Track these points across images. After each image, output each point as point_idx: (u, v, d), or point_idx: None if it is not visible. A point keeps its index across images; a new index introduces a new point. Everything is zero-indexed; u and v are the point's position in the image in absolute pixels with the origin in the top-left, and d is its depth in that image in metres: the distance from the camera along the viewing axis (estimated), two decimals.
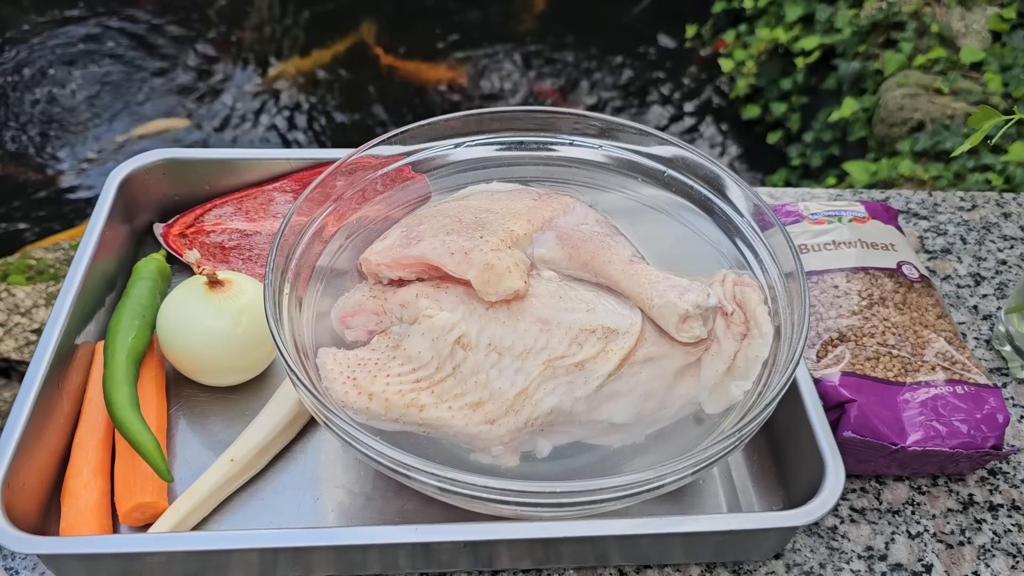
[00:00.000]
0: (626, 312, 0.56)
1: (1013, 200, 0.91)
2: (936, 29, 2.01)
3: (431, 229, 0.59)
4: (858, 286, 0.70)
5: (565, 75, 2.56)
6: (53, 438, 0.60)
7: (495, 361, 0.54)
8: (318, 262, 0.62)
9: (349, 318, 0.58)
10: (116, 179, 0.74)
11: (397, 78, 2.52)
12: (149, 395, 0.64)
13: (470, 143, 0.67)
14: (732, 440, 0.50)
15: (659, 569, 0.60)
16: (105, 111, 2.34)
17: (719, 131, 2.44)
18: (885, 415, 0.62)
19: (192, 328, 0.63)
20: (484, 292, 0.55)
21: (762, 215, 0.61)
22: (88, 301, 0.67)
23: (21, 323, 1.31)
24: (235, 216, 0.77)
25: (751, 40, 2.45)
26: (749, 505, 0.63)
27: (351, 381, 0.54)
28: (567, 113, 0.67)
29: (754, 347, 0.56)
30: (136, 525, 0.59)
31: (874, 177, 1.82)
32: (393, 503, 0.61)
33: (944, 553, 0.62)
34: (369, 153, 0.64)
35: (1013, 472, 0.67)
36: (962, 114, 1.83)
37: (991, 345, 0.76)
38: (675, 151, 0.66)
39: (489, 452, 0.54)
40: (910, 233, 0.86)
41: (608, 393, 0.54)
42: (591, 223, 0.61)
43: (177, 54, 2.53)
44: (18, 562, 0.58)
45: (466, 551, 0.57)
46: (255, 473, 0.62)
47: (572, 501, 0.49)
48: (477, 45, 2.63)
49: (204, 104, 2.39)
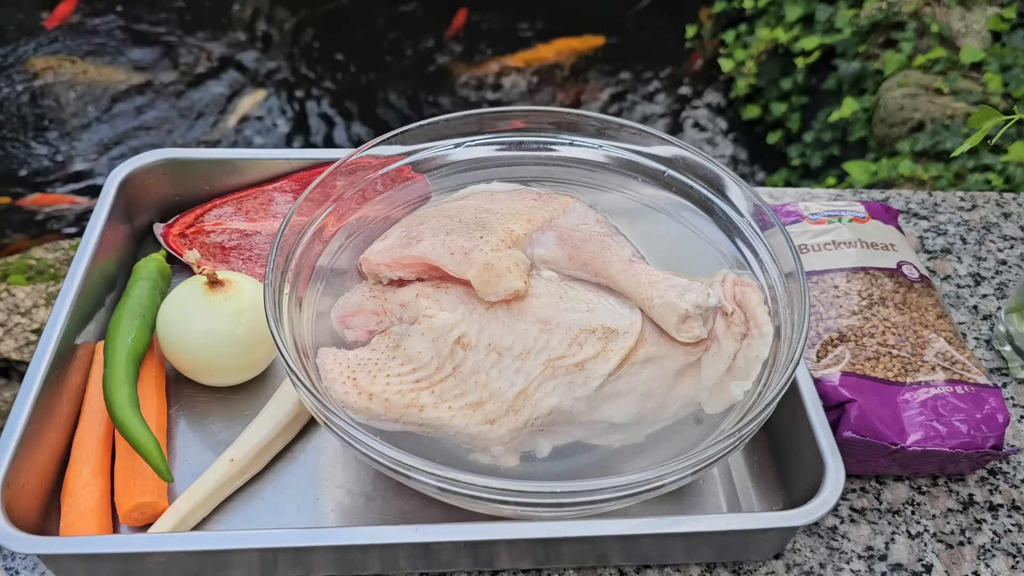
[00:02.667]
0: (626, 312, 0.56)
1: (1013, 200, 0.91)
2: (936, 29, 2.01)
3: (431, 229, 0.59)
4: (858, 286, 0.70)
5: (565, 75, 2.56)
6: (53, 438, 0.60)
7: (495, 361, 0.54)
8: (318, 262, 0.62)
9: (349, 318, 0.58)
10: (116, 179, 0.74)
11: (397, 78, 2.52)
12: (149, 395, 0.64)
13: (470, 143, 0.67)
14: (732, 440, 0.50)
15: (659, 569, 0.60)
16: (105, 111, 2.33)
17: (719, 131, 2.44)
18: (885, 415, 0.62)
19: (192, 328, 0.63)
20: (484, 292, 0.55)
21: (762, 215, 0.61)
22: (88, 301, 0.67)
23: (21, 323, 1.31)
24: (235, 216, 0.77)
25: (751, 40, 2.45)
26: (749, 505, 0.63)
27: (351, 381, 0.54)
28: (567, 113, 0.67)
29: (754, 347, 0.56)
30: (136, 525, 0.59)
31: (874, 177, 1.82)
32: (393, 503, 0.61)
33: (944, 553, 0.62)
34: (369, 153, 0.64)
35: (1013, 472, 0.67)
36: (962, 114, 1.83)
37: (991, 345, 0.76)
38: (675, 151, 0.66)
39: (489, 452, 0.54)
40: (910, 233, 0.86)
41: (608, 393, 0.54)
42: (591, 223, 0.61)
43: (177, 54, 2.53)
44: (18, 562, 0.58)
45: (466, 551, 0.57)
46: (255, 473, 0.62)
47: (572, 501, 0.49)
48: (476, 45, 2.63)
49: (204, 104, 2.39)
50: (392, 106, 2.44)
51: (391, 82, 2.50)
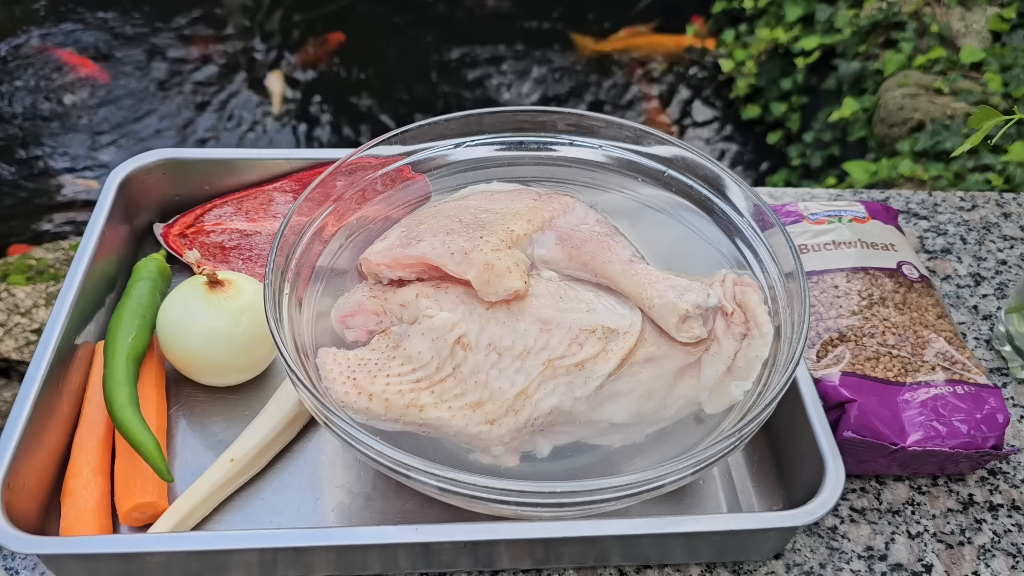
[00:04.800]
0: (626, 312, 0.56)
1: (1013, 200, 0.91)
2: (936, 29, 2.01)
3: (431, 229, 0.59)
4: (858, 286, 0.70)
5: (564, 75, 2.56)
6: (53, 438, 0.60)
7: (495, 361, 0.54)
8: (318, 262, 0.62)
9: (349, 318, 0.58)
10: (116, 179, 0.74)
11: (397, 77, 2.52)
12: (149, 395, 0.64)
13: (470, 143, 0.67)
14: (732, 440, 0.50)
15: (659, 569, 0.60)
16: (104, 111, 2.33)
17: (719, 131, 2.44)
18: (885, 415, 0.62)
19: (192, 328, 0.63)
20: (484, 292, 0.55)
21: (762, 215, 0.61)
22: (88, 301, 0.67)
23: (21, 323, 1.31)
24: (235, 216, 0.77)
25: (751, 40, 2.45)
26: (749, 505, 0.63)
27: (351, 381, 0.54)
28: (567, 113, 0.67)
29: (754, 347, 0.56)
30: (136, 525, 0.59)
31: (874, 177, 1.82)
32: (393, 503, 0.61)
33: (944, 553, 0.62)
34: (369, 153, 0.64)
35: (1013, 472, 0.67)
36: (962, 114, 1.83)
37: (991, 345, 0.76)
38: (675, 151, 0.66)
39: (489, 452, 0.54)
40: (910, 233, 0.86)
41: (608, 393, 0.54)
42: (591, 223, 0.61)
43: (178, 53, 2.52)
44: (18, 562, 0.58)
45: (466, 551, 0.57)
46: (255, 473, 0.62)
47: (572, 501, 0.49)
48: (473, 45, 2.63)
49: (204, 104, 2.39)
50: (391, 107, 2.44)
51: (392, 82, 2.50)
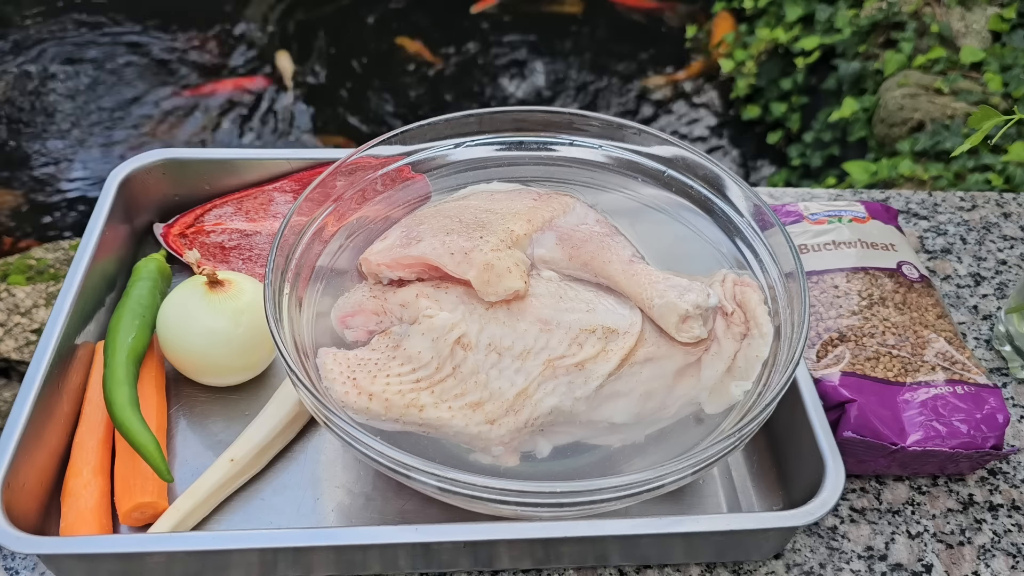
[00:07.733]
0: (626, 312, 0.56)
1: (1013, 200, 0.91)
2: (936, 29, 2.01)
3: (431, 229, 0.59)
4: (858, 286, 0.70)
5: (563, 75, 2.56)
6: (53, 438, 0.60)
7: (495, 361, 0.54)
8: (318, 262, 0.62)
9: (349, 318, 0.58)
10: (116, 179, 0.74)
11: (397, 77, 2.52)
12: (149, 395, 0.64)
13: (470, 143, 0.67)
14: (732, 440, 0.50)
15: (659, 569, 0.60)
16: (103, 111, 2.33)
17: (719, 131, 2.43)
18: (885, 415, 0.62)
19: (192, 328, 0.63)
20: (484, 292, 0.55)
21: (762, 215, 0.61)
22: (88, 301, 0.67)
23: (21, 323, 1.31)
24: (235, 216, 0.77)
25: (751, 40, 2.45)
26: (749, 505, 0.63)
27: (351, 381, 0.54)
28: (567, 113, 0.67)
29: (754, 347, 0.56)
30: (136, 525, 0.59)
31: (874, 177, 1.82)
32: (393, 503, 0.61)
33: (944, 553, 0.62)
34: (369, 153, 0.64)
35: (1013, 472, 0.67)
36: (962, 114, 1.83)
37: (991, 345, 0.76)
38: (675, 151, 0.66)
39: (489, 452, 0.54)
40: (910, 233, 0.86)
41: (608, 393, 0.54)
42: (591, 223, 0.61)
43: (177, 53, 2.52)
44: (18, 562, 0.58)
45: (466, 551, 0.57)
46: (255, 473, 0.62)
47: (572, 501, 0.49)
48: (472, 42, 2.63)
49: (205, 104, 2.39)
50: (393, 105, 2.44)
51: (392, 82, 2.50)
